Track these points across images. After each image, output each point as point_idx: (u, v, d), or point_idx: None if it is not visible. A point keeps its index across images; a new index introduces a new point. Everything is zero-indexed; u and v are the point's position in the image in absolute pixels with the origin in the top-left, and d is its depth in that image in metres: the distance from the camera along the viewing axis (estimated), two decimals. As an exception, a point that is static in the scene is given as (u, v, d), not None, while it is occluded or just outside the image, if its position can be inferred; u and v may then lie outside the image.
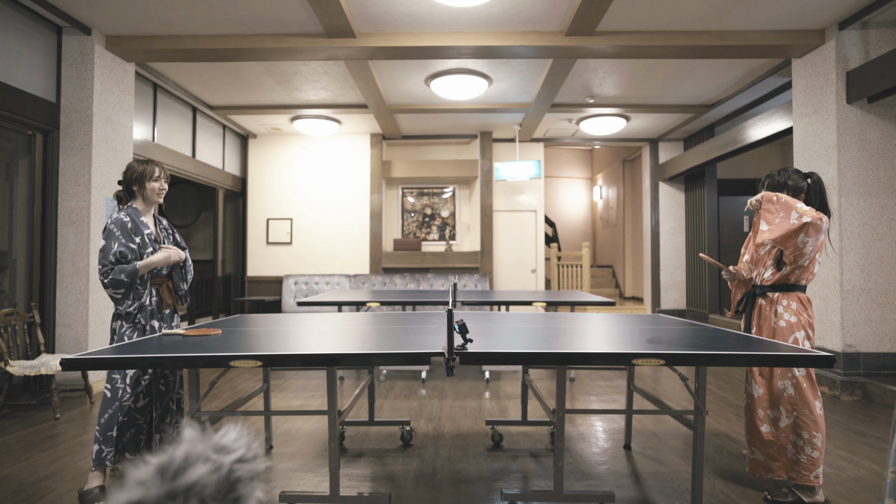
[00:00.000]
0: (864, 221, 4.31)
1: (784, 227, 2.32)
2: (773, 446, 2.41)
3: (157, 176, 2.55)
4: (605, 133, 7.47)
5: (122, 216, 2.47)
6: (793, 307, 2.47)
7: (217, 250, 7.43)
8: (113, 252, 2.39)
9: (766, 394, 2.46)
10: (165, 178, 2.59)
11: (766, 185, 2.59)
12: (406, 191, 8.48)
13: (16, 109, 3.90)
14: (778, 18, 4.26)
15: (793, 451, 2.36)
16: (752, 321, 2.60)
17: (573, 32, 4.40)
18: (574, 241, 11.93)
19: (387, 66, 5.32)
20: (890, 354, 4.26)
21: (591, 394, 4.34)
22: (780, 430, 2.39)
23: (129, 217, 2.49)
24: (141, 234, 2.49)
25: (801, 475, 2.33)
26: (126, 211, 2.51)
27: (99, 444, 2.39)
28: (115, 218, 2.47)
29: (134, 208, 2.54)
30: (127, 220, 2.47)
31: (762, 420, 2.45)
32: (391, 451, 3.02)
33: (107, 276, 2.37)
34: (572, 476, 2.68)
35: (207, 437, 0.53)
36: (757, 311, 2.58)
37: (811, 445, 2.33)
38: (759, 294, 2.59)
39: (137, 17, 4.21)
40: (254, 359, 1.82)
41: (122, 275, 2.38)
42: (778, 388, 2.41)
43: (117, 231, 2.43)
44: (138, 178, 2.53)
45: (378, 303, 4.14)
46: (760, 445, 2.45)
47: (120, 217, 2.47)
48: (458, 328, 1.88)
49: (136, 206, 2.55)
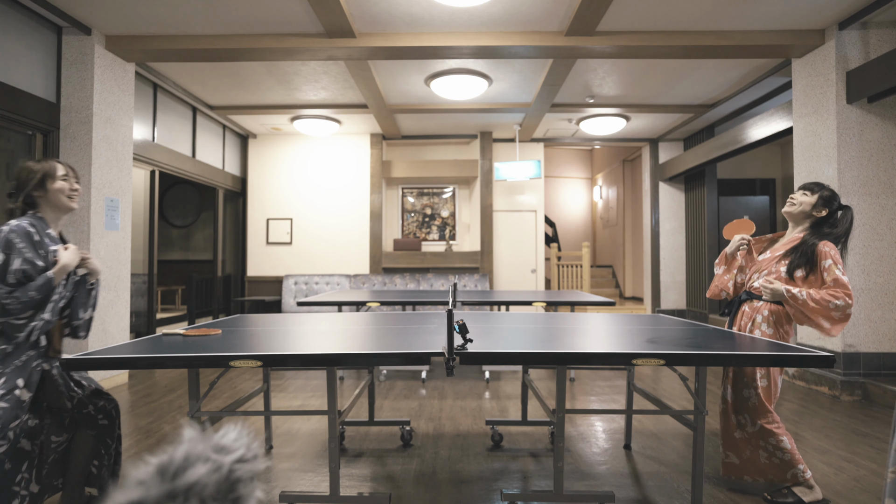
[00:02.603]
0: (864, 221, 4.31)
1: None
2: (746, 450, 2.44)
3: (64, 175, 2.02)
4: (605, 133, 7.47)
5: (24, 223, 1.92)
6: (771, 319, 2.44)
7: (217, 250, 7.43)
8: (14, 269, 1.84)
9: (734, 401, 2.48)
10: (75, 177, 2.07)
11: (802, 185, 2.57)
12: (406, 191, 8.48)
13: (16, 109, 3.90)
14: (778, 18, 4.26)
15: (765, 455, 2.39)
16: (734, 325, 2.61)
17: (573, 32, 4.40)
18: (574, 241, 11.93)
19: (387, 66, 5.32)
20: (890, 354, 4.26)
21: (591, 394, 4.34)
22: (751, 435, 2.42)
23: (33, 227, 1.94)
24: (46, 248, 1.95)
25: (779, 475, 2.37)
26: (29, 219, 1.95)
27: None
28: (15, 225, 1.90)
29: (38, 217, 1.99)
30: (32, 231, 1.92)
31: (734, 426, 2.47)
32: (391, 451, 3.02)
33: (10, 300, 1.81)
34: (572, 476, 2.68)
35: (207, 437, 0.53)
36: (739, 315, 2.58)
37: (780, 449, 2.35)
38: (744, 300, 2.58)
39: (137, 17, 4.21)
40: (254, 359, 1.82)
41: (33, 291, 1.84)
42: (743, 396, 2.44)
43: (20, 242, 1.87)
44: (39, 182, 1.97)
45: (378, 303, 4.14)
46: (735, 450, 2.47)
47: (23, 225, 1.91)
48: (458, 328, 1.88)
49: (40, 214, 2.01)
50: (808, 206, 2.49)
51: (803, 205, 2.51)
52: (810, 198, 2.49)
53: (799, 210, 2.52)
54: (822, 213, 2.49)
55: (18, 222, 1.92)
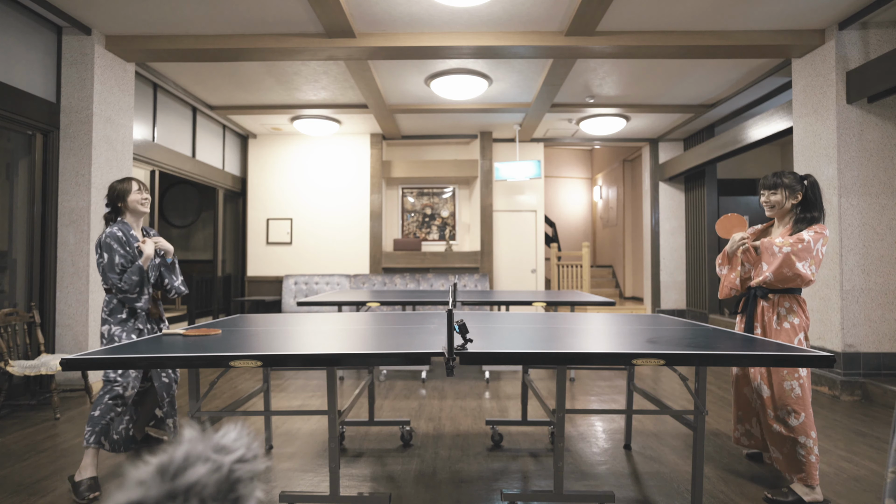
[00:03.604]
0: (864, 221, 4.31)
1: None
2: (786, 446, 2.43)
3: (137, 189, 2.77)
4: (605, 133, 7.47)
5: (115, 230, 2.67)
6: (794, 309, 2.52)
7: (217, 250, 7.43)
8: (117, 263, 2.63)
9: (774, 395, 2.47)
10: (145, 189, 2.80)
11: (762, 184, 2.66)
12: (406, 191, 8.48)
13: (16, 109, 3.90)
14: (778, 18, 4.26)
15: (803, 452, 2.37)
16: (756, 322, 2.60)
17: (573, 32, 4.40)
18: (574, 241, 11.93)
19: (387, 66, 5.32)
20: (890, 354, 4.26)
21: (591, 394, 4.34)
22: (792, 429, 2.40)
23: (121, 231, 2.69)
24: (132, 245, 2.71)
25: (811, 475, 2.35)
26: (118, 226, 2.71)
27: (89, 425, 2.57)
28: (109, 232, 2.66)
29: (124, 223, 2.74)
30: (120, 234, 2.67)
31: (774, 420, 2.46)
32: (391, 451, 3.02)
33: (122, 283, 2.61)
34: (572, 476, 2.68)
35: (207, 437, 0.53)
36: (759, 312, 2.59)
37: (814, 446, 2.36)
38: (760, 296, 2.59)
39: (137, 17, 4.21)
40: (254, 359, 1.82)
41: (133, 275, 2.62)
42: (785, 389, 2.43)
43: (115, 244, 2.64)
44: (121, 195, 2.73)
45: (378, 303, 4.14)
46: (779, 445, 2.45)
47: (114, 231, 2.67)
48: (458, 328, 1.88)
49: (125, 220, 2.76)
50: (783, 202, 2.58)
51: (779, 203, 2.59)
52: (779, 194, 2.59)
53: (779, 209, 2.61)
54: (798, 199, 2.57)
55: (111, 230, 2.67)
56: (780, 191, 2.57)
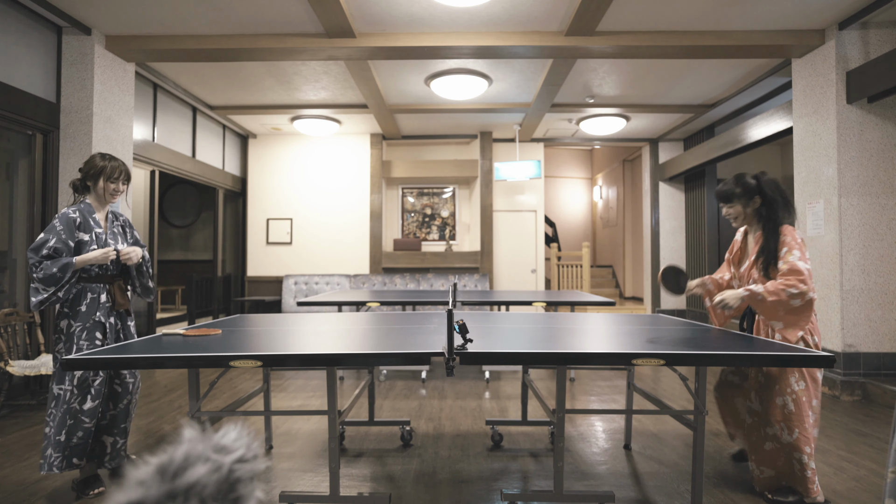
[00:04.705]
0: (864, 221, 4.31)
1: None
2: (780, 459, 2.35)
3: (116, 177, 2.49)
4: (605, 133, 7.47)
5: (70, 212, 2.41)
6: None
7: (217, 250, 7.43)
8: (48, 246, 2.31)
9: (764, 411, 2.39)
10: (125, 180, 2.53)
11: (716, 197, 2.59)
12: (406, 191, 8.48)
13: (16, 109, 3.90)
14: (778, 18, 4.26)
15: (798, 466, 2.30)
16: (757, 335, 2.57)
17: (573, 32, 4.40)
18: (574, 241, 11.93)
19: (387, 66, 5.32)
20: (890, 354, 4.26)
21: (591, 394, 4.34)
22: (784, 445, 2.32)
23: (78, 213, 2.42)
24: (90, 231, 2.43)
25: (809, 489, 2.28)
26: (78, 206, 2.45)
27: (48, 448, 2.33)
28: (62, 213, 2.41)
29: (87, 203, 2.48)
30: (75, 217, 2.41)
31: (765, 437, 2.39)
32: (391, 451, 3.02)
33: (39, 272, 2.28)
34: (572, 476, 2.68)
35: (207, 437, 0.53)
36: (756, 326, 2.52)
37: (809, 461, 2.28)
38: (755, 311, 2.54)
39: (137, 17, 4.21)
40: (254, 359, 1.82)
41: (55, 268, 2.29)
42: (776, 405, 2.34)
43: (60, 226, 2.36)
44: (95, 174, 2.47)
45: (378, 303, 4.14)
46: (769, 463, 2.38)
47: (67, 213, 2.41)
48: (458, 328, 1.88)
49: (88, 200, 2.50)
50: (742, 210, 2.52)
51: (738, 213, 2.53)
52: (736, 205, 2.52)
53: (742, 219, 2.55)
54: (758, 204, 2.50)
55: (66, 210, 2.41)
56: (735, 201, 2.51)
